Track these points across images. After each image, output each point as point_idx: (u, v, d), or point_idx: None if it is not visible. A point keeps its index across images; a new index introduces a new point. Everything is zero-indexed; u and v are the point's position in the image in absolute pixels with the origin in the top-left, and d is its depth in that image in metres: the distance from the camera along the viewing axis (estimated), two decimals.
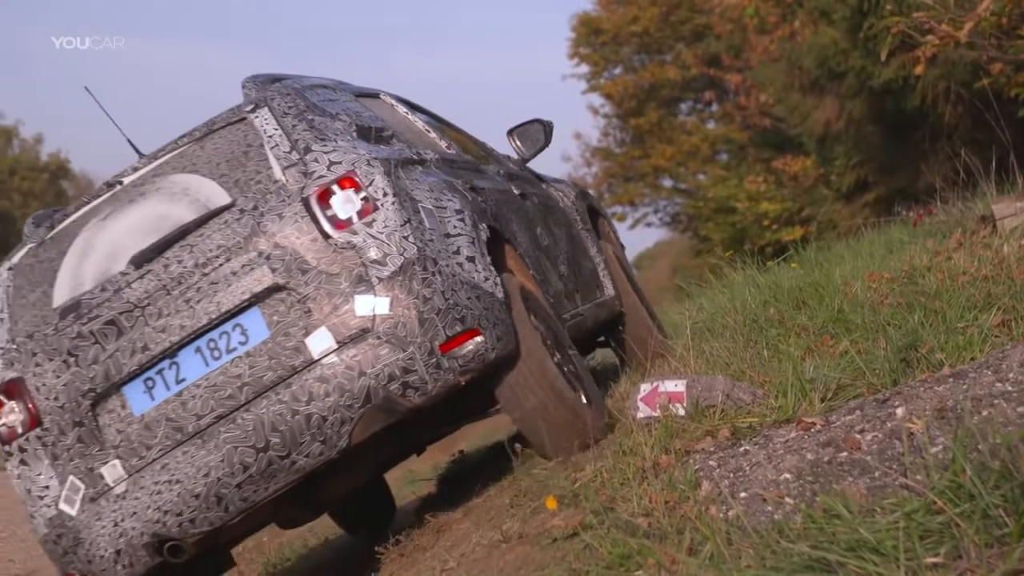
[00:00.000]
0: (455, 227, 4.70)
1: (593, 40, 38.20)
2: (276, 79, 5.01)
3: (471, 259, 4.64)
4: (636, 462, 3.53)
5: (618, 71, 38.64)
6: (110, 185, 4.92)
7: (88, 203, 4.94)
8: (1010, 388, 3.10)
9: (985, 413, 2.92)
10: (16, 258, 4.96)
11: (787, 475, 3.00)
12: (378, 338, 4.35)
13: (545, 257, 5.71)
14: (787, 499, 2.84)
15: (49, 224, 4.98)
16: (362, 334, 4.37)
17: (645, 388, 4.06)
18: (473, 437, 9.39)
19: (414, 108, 6.06)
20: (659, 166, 36.75)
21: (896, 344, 3.88)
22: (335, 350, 4.37)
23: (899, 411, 3.17)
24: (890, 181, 17.13)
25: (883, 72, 13.98)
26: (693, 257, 36.19)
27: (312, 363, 4.39)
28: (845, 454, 3.00)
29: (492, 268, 4.73)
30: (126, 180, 4.89)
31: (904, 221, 7.85)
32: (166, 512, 4.46)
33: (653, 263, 61.80)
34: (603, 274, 6.73)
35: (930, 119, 14.53)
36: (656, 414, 3.94)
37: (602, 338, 7.06)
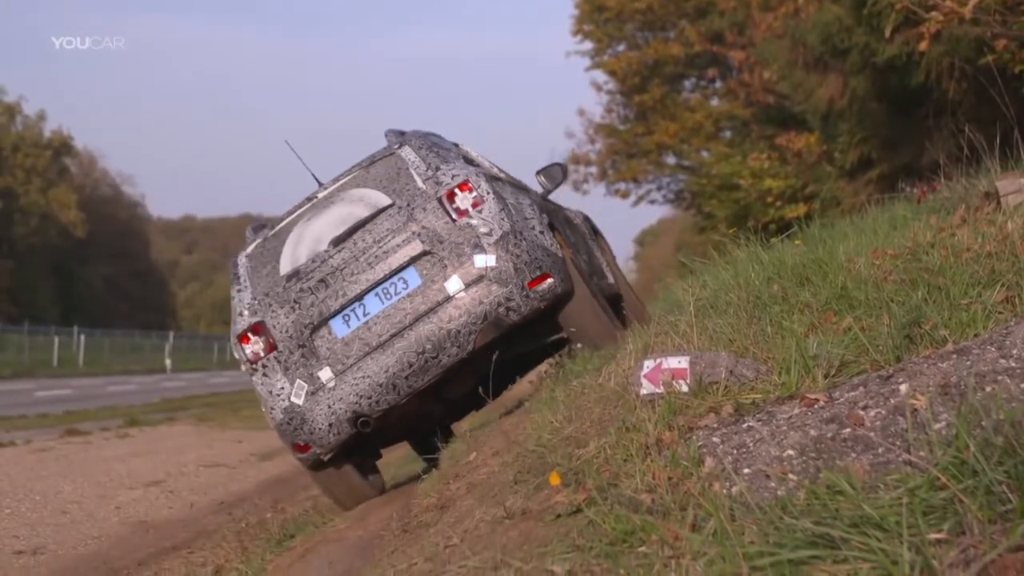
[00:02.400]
0: (529, 214, 7.26)
1: (597, 17, 38.09)
2: (403, 132, 7.62)
3: (542, 232, 7.16)
4: (639, 438, 3.52)
5: (622, 48, 38.54)
6: (309, 199, 7.50)
7: (295, 211, 7.50)
8: (1014, 364, 3.09)
9: (989, 389, 2.91)
10: (249, 249, 7.52)
11: (790, 451, 2.99)
12: (489, 280, 6.86)
13: (576, 248, 7.93)
14: (790, 475, 2.84)
15: (270, 228, 7.54)
16: (480, 278, 6.87)
17: (648, 364, 4.04)
18: (474, 419, 9.39)
19: (478, 155, 8.49)
20: (662, 143, 36.70)
21: (900, 320, 3.86)
22: (463, 289, 6.87)
23: (903, 387, 3.15)
24: (894, 158, 17.08)
25: (887, 49, 13.91)
26: (697, 234, 36.14)
27: (449, 298, 6.88)
28: (848, 430, 2.99)
29: (554, 239, 7.22)
30: (320, 195, 7.46)
31: (908, 198, 7.79)
32: (360, 396, 6.91)
33: (656, 240, 61.78)
34: (607, 270, 9.24)
35: (934, 96, 14.46)
36: (659, 391, 3.92)
37: None
